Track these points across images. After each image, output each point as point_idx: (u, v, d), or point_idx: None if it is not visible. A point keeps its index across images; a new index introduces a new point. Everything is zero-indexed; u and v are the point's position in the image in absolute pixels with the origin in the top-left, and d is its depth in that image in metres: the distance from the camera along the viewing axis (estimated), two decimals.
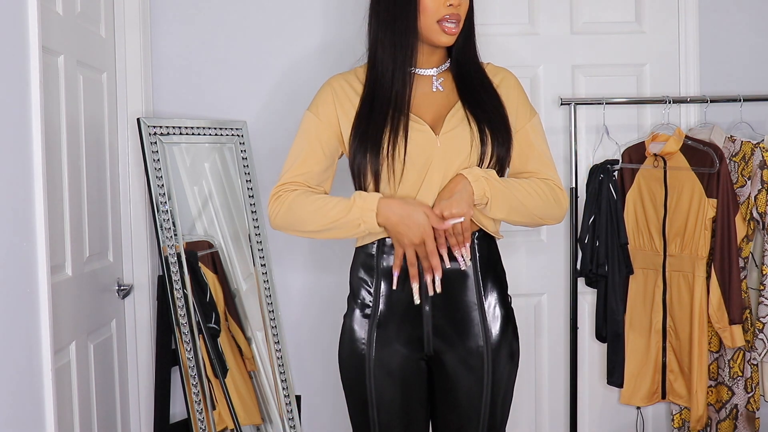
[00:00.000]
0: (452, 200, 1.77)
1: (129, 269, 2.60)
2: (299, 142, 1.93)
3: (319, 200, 1.84)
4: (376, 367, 1.86)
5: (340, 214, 1.80)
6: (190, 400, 2.39)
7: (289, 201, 1.87)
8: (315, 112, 1.93)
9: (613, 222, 2.65)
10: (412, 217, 1.77)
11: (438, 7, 1.83)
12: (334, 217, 1.81)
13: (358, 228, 1.80)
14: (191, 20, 2.75)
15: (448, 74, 1.95)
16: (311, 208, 1.83)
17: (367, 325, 1.88)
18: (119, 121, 2.56)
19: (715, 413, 2.72)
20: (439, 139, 1.84)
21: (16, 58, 1.60)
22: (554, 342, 2.91)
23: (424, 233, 1.77)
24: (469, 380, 1.87)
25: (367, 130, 1.84)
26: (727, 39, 2.87)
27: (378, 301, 1.88)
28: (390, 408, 1.87)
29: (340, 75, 1.98)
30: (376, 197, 1.79)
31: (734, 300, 2.57)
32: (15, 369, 1.58)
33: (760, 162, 2.58)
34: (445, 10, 1.83)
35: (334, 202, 1.82)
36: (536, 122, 1.96)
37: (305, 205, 1.84)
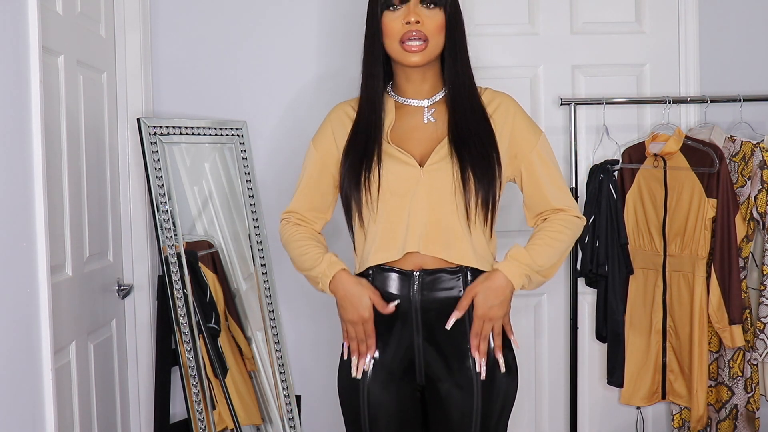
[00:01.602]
0: (496, 306, 1.82)
1: (129, 269, 2.60)
2: (302, 173, 2.01)
3: (301, 247, 1.94)
4: (371, 398, 1.86)
5: (309, 267, 1.91)
6: (190, 400, 2.39)
7: (285, 236, 2.00)
8: (315, 145, 1.99)
9: (613, 222, 2.65)
10: (356, 298, 1.83)
11: (397, 27, 1.82)
12: (306, 267, 1.93)
13: (317, 285, 1.91)
14: (191, 20, 2.75)
15: (443, 105, 1.91)
16: (294, 253, 1.97)
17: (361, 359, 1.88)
18: (119, 121, 2.56)
19: (715, 413, 2.72)
20: (423, 170, 1.83)
21: (16, 58, 1.60)
22: (554, 342, 2.91)
23: (362, 317, 1.83)
24: (461, 400, 1.84)
25: (350, 161, 1.88)
26: (727, 39, 2.87)
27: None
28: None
29: (343, 103, 2.00)
30: (339, 267, 1.87)
31: (734, 300, 2.57)
32: (15, 369, 1.58)
33: (760, 162, 2.58)
34: (404, 29, 1.82)
35: (310, 255, 1.92)
36: (543, 145, 1.92)
37: (291, 248, 1.98)
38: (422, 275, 1.83)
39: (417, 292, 1.83)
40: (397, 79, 1.92)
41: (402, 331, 1.85)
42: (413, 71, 1.88)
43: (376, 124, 1.88)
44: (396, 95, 1.93)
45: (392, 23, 1.82)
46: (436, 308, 1.83)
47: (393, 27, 1.83)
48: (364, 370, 1.85)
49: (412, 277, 1.83)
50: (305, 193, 1.99)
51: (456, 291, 1.84)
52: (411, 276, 1.83)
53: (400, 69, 1.90)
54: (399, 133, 1.89)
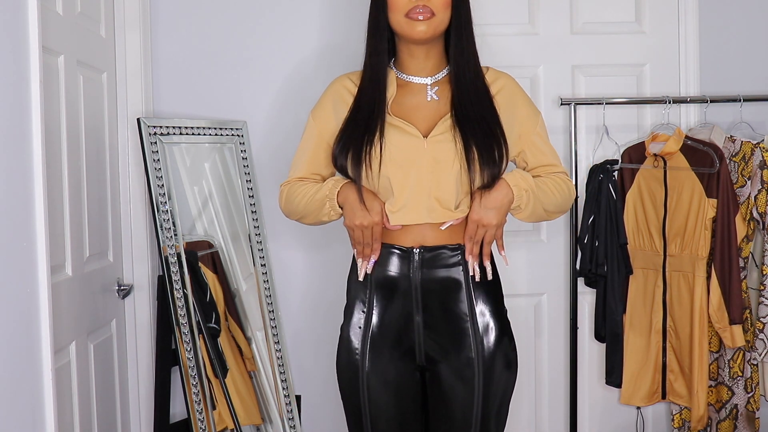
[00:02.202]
0: (492, 212, 1.81)
1: (129, 269, 2.60)
2: (301, 144, 2.01)
3: (305, 187, 1.94)
4: (371, 378, 1.86)
5: (315, 194, 1.89)
6: (190, 400, 2.39)
7: (286, 192, 1.98)
8: (314, 117, 1.98)
9: (613, 222, 2.65)
10: (368, 202, 1.83)
11: (403, 2, 1.82)
12: (311, 197, 1.90)
13: (324, 206, 1.88)
14: (191, 20, 2.75)
15: (446, 83, 1.91)
16: (299, 194, 1.94)
17: (361, 335, 1.88)
18: (119, 121, 2.56)
19: (715, 413, 2.72)
20: (427, 141, 1.83)
21: (16, 58, 1.60)
22: (554, 342, 2.91)
23: (372, 221, 1.82)
24: (462, 392, 1.84)
25: (349, 134, 1.87)
26: (727, 39, 2.87)
27: (372, 312, 1.87)
28: (385, 418, 1.86)
29: (344, 76, 1.99)
30: (344, 181, 1.87)
31: (734, 300, 2.57)
32: (15, 369, 1.58)
33: (760, 162, 2.58)
34: (410, 4, 1.81)
35: (316, 187, 1.92)
36: (542, 125, 1.97)
37: (295, 194, 1.95)
38: (422, 252, 1.83)
39: (417, 269, 1.83)
40: (401, 56, 1.92)
41: (402, 306, 1.85)
42: (417, 48, 1.88)
43: (379, 100, 1.87)
44: (399, 72, 1.93)
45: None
46: (436, 287, 1.84)
47: (399, 1, 1.82)
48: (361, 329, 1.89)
49: (412, 254, 1.83)
50: (304, 162, 1.99)
51: (456, 271, 1.84)
52: (411, 253, 1.83)
53: (404, 45, 1.89)
54: (401, 109, 1.89)
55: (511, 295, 2.85)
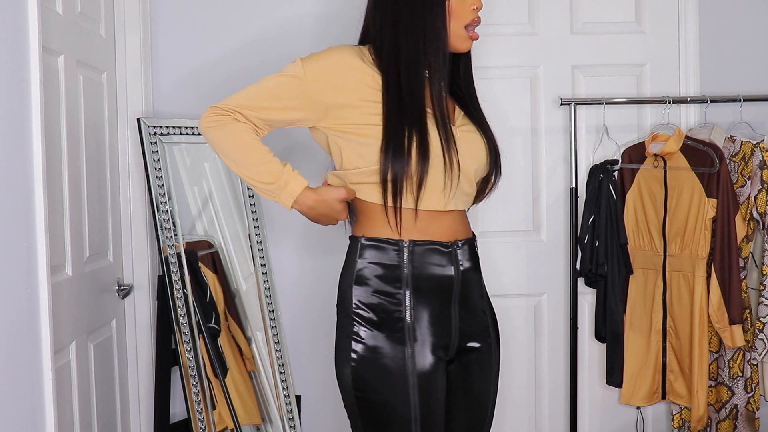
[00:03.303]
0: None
1: (129, 269, 2.60)
2: (275, 82, 1.81)
3: (258, 146, 1.79)
4: (420, 382, 1.77)
5: (264, 165, 1.78)
6: (190, 400, 2.39)
7: (231, 128, 1.79)
8: (305, 67, 1.80)
9: (613, 222, 2.65)
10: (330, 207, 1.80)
11: (465, 12, 1.81)
12: (258, 162, 1.78)
13: (266, 185, 1.78)
14: (191, 20, 2.75)
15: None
16: (246, 147, 1.79)
17: (401, 340, 1.77)
18: (119, 121, 2.56)
19: (714, 413, 2.72)
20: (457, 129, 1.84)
21: (16, 58, 1.60)
22: (554, 342, 2.91)
23: (340, 218, 1.83)
24: (482, 380, 1.87)
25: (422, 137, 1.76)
26: (727, 39, 2.88)
27: (410, 312, 1.78)
28: (433, 418, 1.81)
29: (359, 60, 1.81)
30: (302, 186, 1.77)
31: (734, 300, 2.57)
32: (15, 369, 1.58)
33: (760, 162, 2.58)
34: (471, 15, 1.81)
35: (267, 164, 1.78)
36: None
37: (241, 140, 1.79)
38: (459, 246, 1.84)
39: (457, 263, 1.83)
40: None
41: (442, 302, 1.82)
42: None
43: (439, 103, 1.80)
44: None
45: (460, 5, 1.80)
46: (469, 280, 1.85)
47: (461, 10, 1.80)
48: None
49: (453, 248, 1.83)
50: (263, 99, 1.80)
51: (476, 263, 1.88)
52: (452, 247, 1.82)
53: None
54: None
55: (511, 295, 2.88)
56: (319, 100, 1.78)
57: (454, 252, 1.82)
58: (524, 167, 2.86)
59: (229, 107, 1.81)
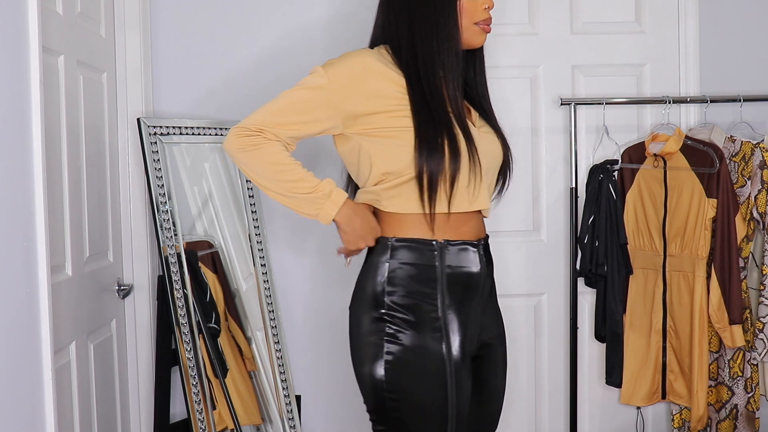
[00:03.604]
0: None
1: (129, 269, 2.60)
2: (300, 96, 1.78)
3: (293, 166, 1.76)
4: (457, 380, 1.77)
5: (305, 190, 1.75)
6: (190, 400, 2.39)
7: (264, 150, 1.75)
8: (329, 75, 1.76)
9: (613, 222, 2.65)
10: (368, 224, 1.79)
11: (477, 11, 1.84)
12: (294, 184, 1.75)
13: (312, 211, 1.76)
14: (191, 20, 2.75)
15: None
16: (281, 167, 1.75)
17: (439, 339, 1.76)
18: (119, 121, 2.56)
19: (715, 413, 2.72)
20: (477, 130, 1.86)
21: (16, 58, 1.60)
22: (554, 342, 2.91)
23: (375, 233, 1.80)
24: (496, 375, 1.91)
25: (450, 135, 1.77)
26: (727, 39, 2.87)
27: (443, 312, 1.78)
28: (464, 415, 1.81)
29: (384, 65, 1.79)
30: (344, 196, 1.77)
31: (734, 300, 2.57)
32: (15, 369, 1.58)
33: (760, 162, 2.58)
34: (482, 14, 1.85)
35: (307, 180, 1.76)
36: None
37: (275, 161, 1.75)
38: (484, 244, 1.86)
39: (484, 261, 1.85)
40: None
41: (473, 300, 1.83)
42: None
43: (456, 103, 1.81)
44: None
45: (472, 5, 1.83)
46: (491, 277, 1.89)
47: (473, 9, 1.83)
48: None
49: (480, 246, 1.84)
50: (291, 115, 1.76)
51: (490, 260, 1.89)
52: (479, 246, 1.84)
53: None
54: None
55: (511, 295, 2.88)
56: (347, 109, 1.76)
57: (480, 250, 1.84)
58: (524, 167, 2.86)
59: (257, 126, 1.76)
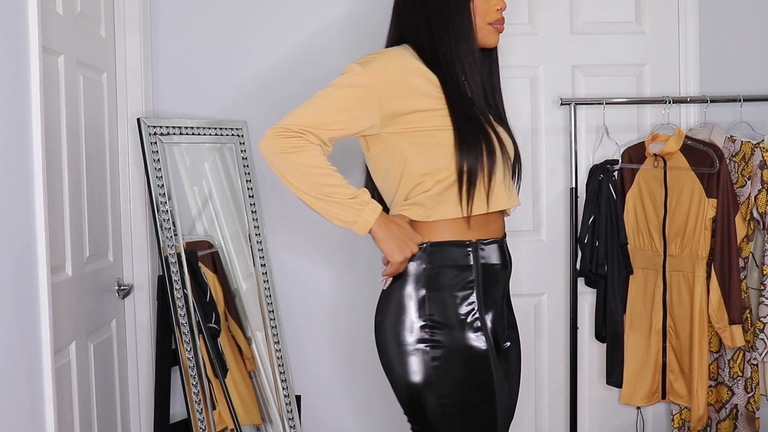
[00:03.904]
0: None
1: (129, 269, 2.60)
2: (341, 95, 1.73)
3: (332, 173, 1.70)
4: (498, 377, 1.79)
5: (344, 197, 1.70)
6: (190, 400, 2.39)
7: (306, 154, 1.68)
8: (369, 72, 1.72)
9: (613, 222, 2.65)
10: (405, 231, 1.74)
11: (490, 12, 1.84)
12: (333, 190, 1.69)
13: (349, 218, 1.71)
14: (191, 20, 2.75)
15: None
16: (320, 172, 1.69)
17: (481, 339, 1.76)
18: (119, 121, 2.56)
19: (715, 413, 2.72)
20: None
21: (16, 58, 1.60)
22: (554, 342, 2.91)
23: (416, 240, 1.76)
24: (517, 369, 1.93)
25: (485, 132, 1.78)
26: (727, 39, 2.87)
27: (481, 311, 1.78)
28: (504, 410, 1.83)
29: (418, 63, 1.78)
30: (380, 206, 1.73)
31: (734, 300, 2.57)
32: (15, 369, 1.58)
33: (760, 162, 2.58)
34: (495, 15, 1.84)
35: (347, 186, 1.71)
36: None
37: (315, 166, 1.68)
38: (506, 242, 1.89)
39: (509, 259, 1.87)
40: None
41: (499, 297, 1.85)
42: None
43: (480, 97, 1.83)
44: None
45: (484, 5, 1.83)
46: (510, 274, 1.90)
47: (486, 9, 1.83)
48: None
49: (504, 244, 1.87)
50: (333, 115, 1.71)
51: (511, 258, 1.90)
52: (504, 243, 1.86)
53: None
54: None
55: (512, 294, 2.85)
56: (388, 107, 1.73)
57: (505, 247, 1.86)
58: (524, 167, 2.82)
59: (300, 128, 1.70)
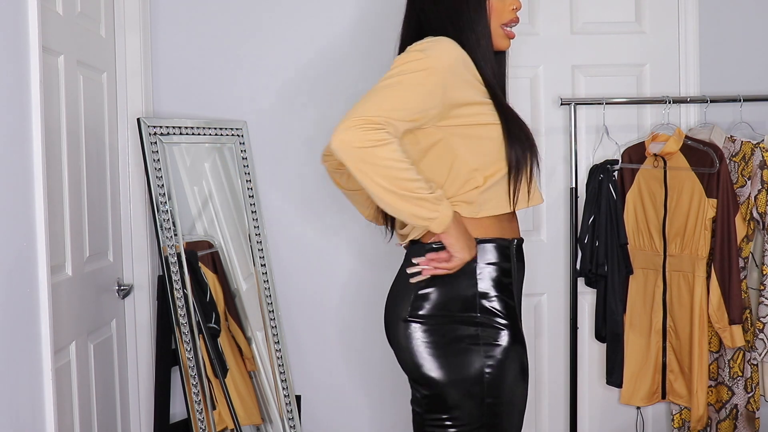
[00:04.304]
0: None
1: (129, 269, 2.60)
2: (415, 81, 1.63)
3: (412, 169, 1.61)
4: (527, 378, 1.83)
5: (425, 192, 1.61)
6: (190, 400, 2.39)
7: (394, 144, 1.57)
8: (443, 64, 1.66)
9: (613, 222, 2.65)
10: (468, 236, 1.70)
11: (505, 11, 1.81)
12: (416, 189, 1.60)
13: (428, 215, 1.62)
14: (191, 20, 2.75)
15: None
16: (404, 167, 1.58)
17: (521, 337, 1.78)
18: (119, 121, 2.56)
19: (715, 413, 2.72)
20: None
21: (16, 58, 1.60)
22: (554, 342, 2.91)
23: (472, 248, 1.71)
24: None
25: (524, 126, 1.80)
26: (727, 39, 2.87)
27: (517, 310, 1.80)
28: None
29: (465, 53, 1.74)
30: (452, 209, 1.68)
31: (734, 300, 2.57)
32: (15, 369, 1.58)
33: (760, 162, 2.58)
34: (509, 15, 1.82)
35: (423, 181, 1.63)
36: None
37: (402, 161, 1.58)
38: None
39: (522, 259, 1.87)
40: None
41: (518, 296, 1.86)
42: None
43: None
44: None
45: (500, 4, 1.80)
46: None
47: (501, 8, 1.80)
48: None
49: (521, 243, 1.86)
50: (412, 104, 1.62)
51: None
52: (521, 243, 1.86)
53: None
54: None
55: None
56: (450, 97, 1.68)
57: (522, 247, 1.86)
58: None
59: (383, 118, 1.58)
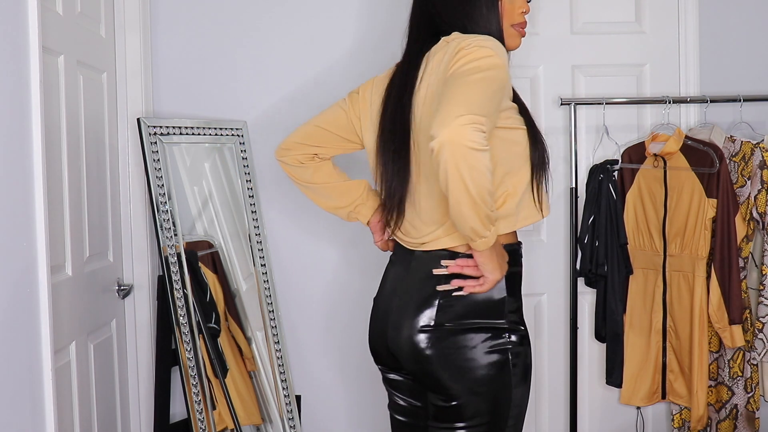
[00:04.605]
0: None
1: (129, 269, 2.60)
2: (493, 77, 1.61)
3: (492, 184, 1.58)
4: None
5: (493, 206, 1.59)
6: (190, 400, 2.39)
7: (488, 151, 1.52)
8: (504, 62, 1.67)
9: (613, 222, 2.65)
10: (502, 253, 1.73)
11: (515, 14, 1.82)
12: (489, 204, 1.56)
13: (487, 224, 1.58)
14: (191, 20, 2.75)
15: None
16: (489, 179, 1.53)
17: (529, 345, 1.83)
18: (119, 121, 2.56)
19: (714, 413, 2.72)
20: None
21: (16, 58, 1.60)
22: (554, 342, 2.91)
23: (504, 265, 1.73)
24: None
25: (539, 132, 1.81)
26: (727, 39, 2.88)
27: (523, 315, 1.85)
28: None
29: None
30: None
31: (734, 300, 2.57)
32: (15, 369, 1.58)
33: (760, 162, 2.58)
34: (519, 17, 1.83)
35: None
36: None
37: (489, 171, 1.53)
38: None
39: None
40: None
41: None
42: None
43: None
44: None
45: (511, 6, 1.81)
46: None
47: (512, 9, 1.82)
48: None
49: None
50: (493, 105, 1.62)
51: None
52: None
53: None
54: None
55: None
56: (504, 98, 1.72)
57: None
58: None
59: (486, 120, 1.53)
